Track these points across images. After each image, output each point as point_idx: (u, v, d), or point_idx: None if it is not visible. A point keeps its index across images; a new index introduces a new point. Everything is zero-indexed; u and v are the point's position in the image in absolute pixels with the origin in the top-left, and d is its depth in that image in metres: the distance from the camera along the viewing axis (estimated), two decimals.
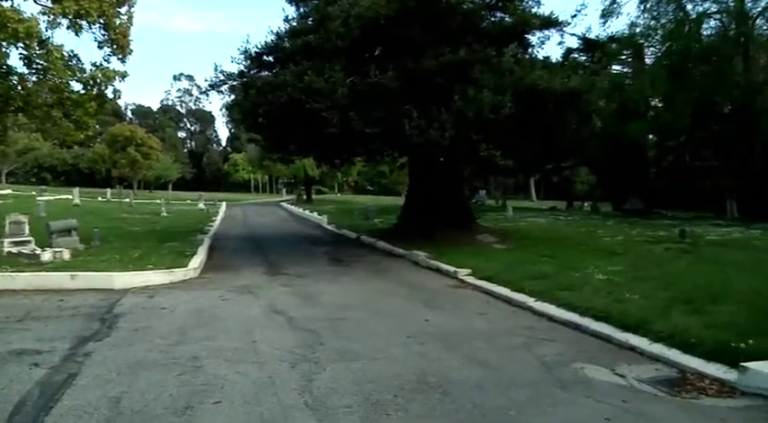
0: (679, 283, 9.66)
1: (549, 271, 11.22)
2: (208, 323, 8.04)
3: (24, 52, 16.05)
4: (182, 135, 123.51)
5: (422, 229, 17.61)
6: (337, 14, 14.94)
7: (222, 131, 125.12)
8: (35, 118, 18.31)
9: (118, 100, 23.31)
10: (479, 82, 14.43)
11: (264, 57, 16.89)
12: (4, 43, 15.45)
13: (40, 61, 16.30)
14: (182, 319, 8.28)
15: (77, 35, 16.54)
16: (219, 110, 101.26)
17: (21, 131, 45.95)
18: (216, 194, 65.00)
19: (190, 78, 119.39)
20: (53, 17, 15.78)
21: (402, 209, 21.60)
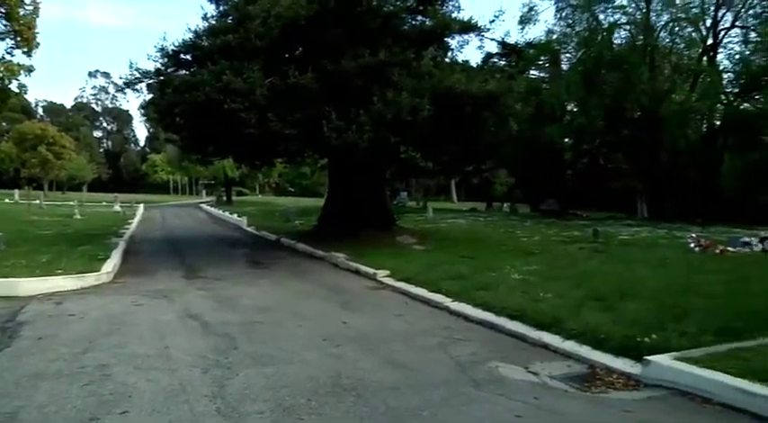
0: (591, 281, 9.94)
1: (466, 271, 11.30)
2: (119, 330, 7.63)
3: None
4: (98, 134, 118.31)
5: (342, 230, 17.53)
6: (257, 14, 14.67)
7: (140, 131, 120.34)
8: None
9: (25, 95, 22.05)
10: (398, 84, 14.48)
11: (182, 55, 16.35)
12: None
13: None
14: (91, 326, 7.81)
15: None
16: (137, 109, 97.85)
17: None
18: (134, 196, 62.59)
19: (106, 75, 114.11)
20: None
21: (322, 210, 21.43)
